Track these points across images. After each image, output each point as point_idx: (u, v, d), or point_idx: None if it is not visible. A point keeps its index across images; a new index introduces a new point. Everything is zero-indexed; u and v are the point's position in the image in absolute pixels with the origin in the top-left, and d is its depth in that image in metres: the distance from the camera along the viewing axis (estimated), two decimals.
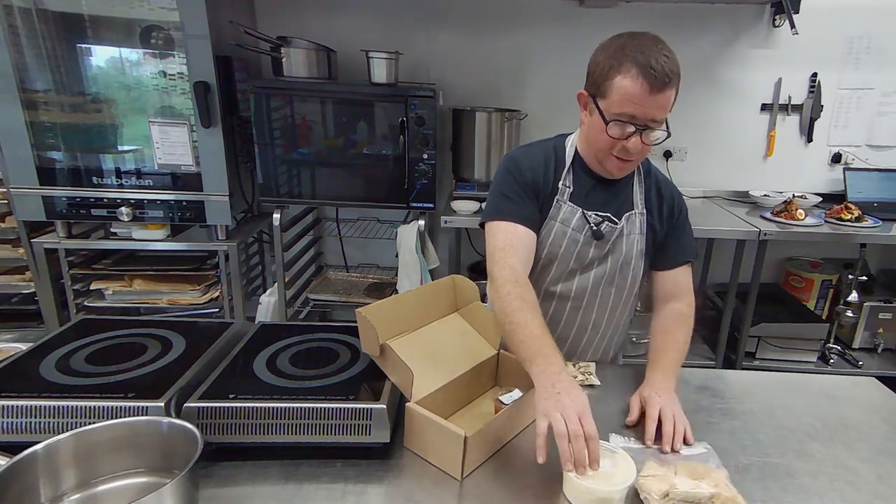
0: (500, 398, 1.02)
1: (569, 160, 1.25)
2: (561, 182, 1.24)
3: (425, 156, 2.26)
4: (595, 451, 0.85)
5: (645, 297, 1.41)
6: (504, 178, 1.23)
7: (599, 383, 1.21)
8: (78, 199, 2.19)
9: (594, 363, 1.28)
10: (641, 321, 2.53)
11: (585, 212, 1.23)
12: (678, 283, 1.30)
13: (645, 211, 1.27)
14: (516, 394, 1.02)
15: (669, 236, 1.29)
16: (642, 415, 1.07)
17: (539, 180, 1.22)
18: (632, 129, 1.08)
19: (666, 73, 1.03)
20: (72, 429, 0.83)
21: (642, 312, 2.02)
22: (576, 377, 1.19)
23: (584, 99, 1.17)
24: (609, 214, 1.24)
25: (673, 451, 0.99)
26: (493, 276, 1.13)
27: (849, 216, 2.42)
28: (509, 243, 1.16)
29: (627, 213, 1.25)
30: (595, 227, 1.22)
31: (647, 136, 1.10)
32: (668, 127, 1.11)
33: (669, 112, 1.09)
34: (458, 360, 1.10)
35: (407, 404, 0.96)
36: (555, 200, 1.23)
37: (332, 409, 0.92)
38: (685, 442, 1.01)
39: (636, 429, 1.06)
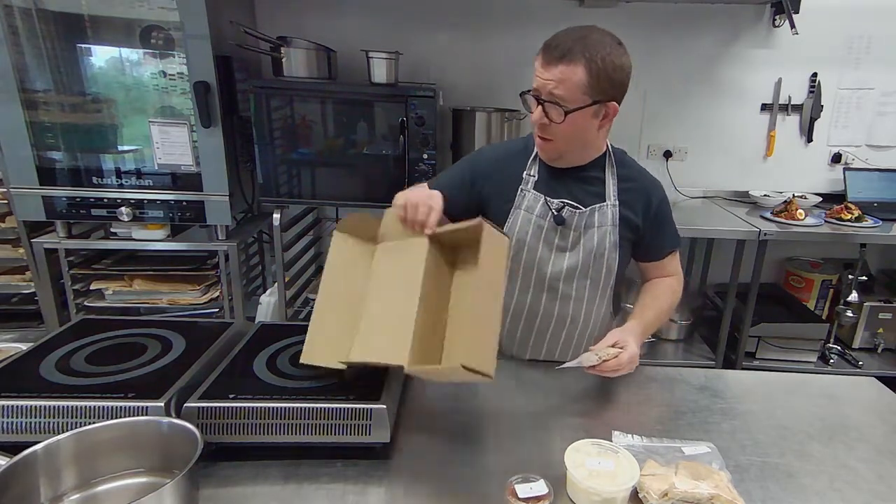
0: (515, 486, 0.84)
1: (534, 150, 1.30)
2: (525, 172, 1.29)
3: (425, 156, 2.25)
4: (427, 216, 1.01)
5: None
6: (462, 161, 1.37)
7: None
8: (78, 199, 2.19)
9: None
10: None
11: (548, 198, 1.26)
12: (665, 268, 1.38)
13: (618, 203, 1.28)
14: (540, 486, 0.84)
15: (651, 230, 1.32)
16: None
17: (499, 172, 1.30)
18: (532, 100, 1.17)
19: (559, 47, 1.10)
20: (72, 429, 0.83)
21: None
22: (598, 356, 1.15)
23: None
24: (572, 202, 1.27)
25: (598, 369, 1.11)
26: None
27: (849, 216, 2.42)
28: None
29: (599, 205, 1.27)
30: (556, 213, 1.26)
31: (548, 109, 1.14)
32: (580, 109, 1.12)
33: (589, 98, 1.12)
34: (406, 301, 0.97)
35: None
36: (519, 190, 1.29)
37: (332, 409, 0.92)
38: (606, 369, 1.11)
39: (636, 426, 1.05)
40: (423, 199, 1.05)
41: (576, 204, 1.26)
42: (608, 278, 1.32)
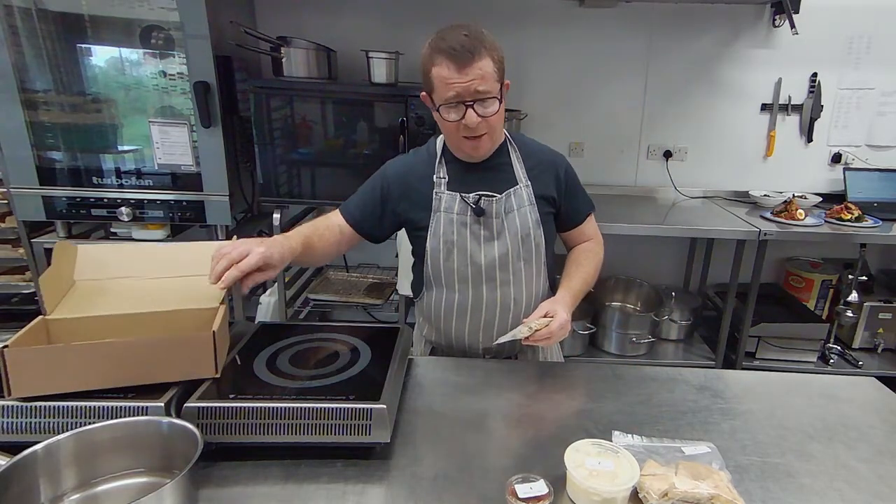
0: (515, 486, 0.83)
1: (438, 154, 1.35)
2: (435, 175, 1.33)
3: None
4: (224, 273, 1.02)
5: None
6: (370, 180, 1.41)
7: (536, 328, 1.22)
8: (78, 200, 2.19)
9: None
10: (639, 321, 2.56)
11: (463, 195, 1.30)
12: (585, 233, 1.46)
13: (529, 183, 1.34)
14: (540, 486, 0.83)
15: (566, 200, 1.39)
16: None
17: (407, 185, 1.34)
18: (462, 108, 1.18)
19: (466, 48, 1.14)
20: (72, 429, 0.83)
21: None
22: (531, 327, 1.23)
23: (426, 101, 1.27)
24: (486, 192, 1.30)
25: (531, 339, 1.19)
26: None
27: (849, 216, 2.42)
28: (318, 220, 1.37)
29: (513, 188, 1.32)
30: (474, 206, 1.29)
31: (481, 107, 1.18)
32: (501, 95, 1.20)
33: (499, 84, 1.19)
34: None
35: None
36: (434, 193, 1.32)
37: (332, 409, 0.92)
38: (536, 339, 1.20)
39: (636, 426, 1.05)
40: (236, 252, 1.04)
41: (491, 193, 1.30)
42: (539, 255, 1.36)
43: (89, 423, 0.84)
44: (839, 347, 2.68)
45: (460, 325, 1.37)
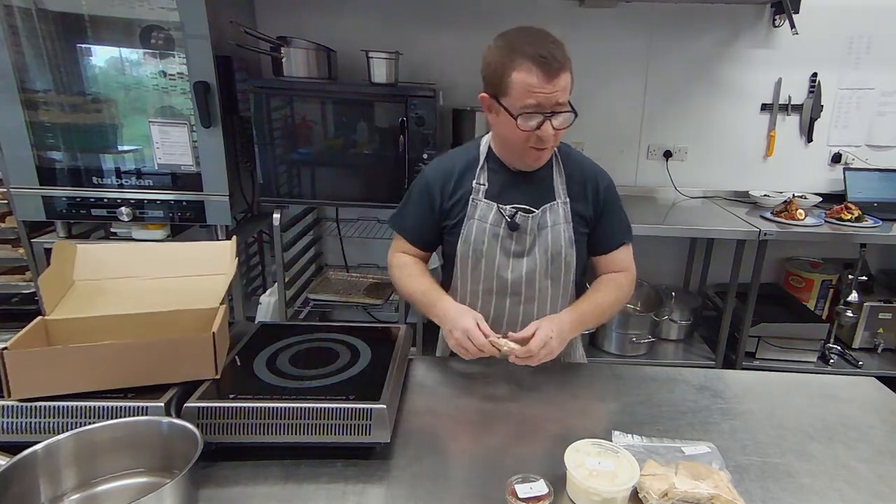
0: (515, 486, 0.84)
1: (482, 159, 1.30)
2: (475, 181, 1.29)
3: (425, 156, 2.25)
4: (486, 348, 1.13)
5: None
6: (413, 189, 1.36)
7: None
8: (78, 200, 2.19)
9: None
10: (639, 321, 2.55)
11: (500, 206, 1.27)
12: (617, 262, 1.36)
13: (568, 199, 1.29)
14: (540, 486, 0.84)
15: (601, 221, 1.32)
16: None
17: (447, 188, 1.30)
18: (540, 117, 1.14)
19: (556, 58, 1.10)
20: (72, 429, 0.83)
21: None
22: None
23: (486, 101, 1.21)
24: (524, 205, 1.27)
25: (512, 359, 1.15)
26: (389, 264, 1.40)
27: (849, 216, 2.42)
28: (400, 249, 1.39)
29: (550, 204, 1.28)
30: (509, 219, 1.26)
31: (556, 120, 1.15)
32: (573, 107, 1.16)
33: (570, 95, 1.16)
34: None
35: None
36: (471, 199, 1.29)
37: (332, 409, 0.92)
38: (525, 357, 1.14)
39: (636, 426, 1.05)
40: (471, 340, 1.15)
41: (528, 207, 1.27)
42: (568, 274, 1.32)
43: (89, 423, 0.84)
44: (839, 347, 2.68)
45: None
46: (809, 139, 2.79)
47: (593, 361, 2.55)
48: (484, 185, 1.29)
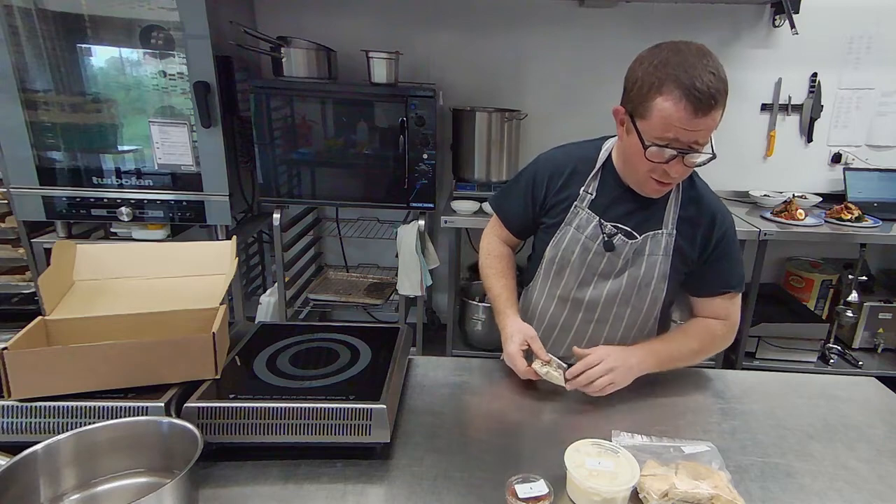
0: (515, 486, 0.83)
1: (598, 165, 1.22)
2: (584, 188, 1.22)
3: (425, 156, 2.25)
4: (526, 376, 1.13)
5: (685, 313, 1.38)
6: (522, 175, 1.31)
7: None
8: (78, 199, 2.19)
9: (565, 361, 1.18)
10: None
11: (602, 221, 1.19)
12: (714, 308, 1.24)
13: (675, 232, 1.19)
14: (540, 486, 0.84)
15: (707, 265, 1.21)
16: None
17: (553, 185, 1.25)
18: (673, 152, 1.03)
19: (712, 95, 0.96)
20: (72, 429, 0.83)
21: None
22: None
23: (620, 115, 1.12)
24: (627, 228, 1.19)
25: (570, 385, 1.10)
26: (481, 247, 1.40)
27: (849, 216, 2.42)
28: (495, 231, 1.39)
29: (653, 232, 1.19)
30: (607, 238, 1.18)
31: (690, 159, 1.04)
32: (712, 148, 1.04)
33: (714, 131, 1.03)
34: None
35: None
36: (573, 206, 1.22)
37: (332, 409, 0.92)
38: (587, 389, 1.09)
39: (636, 426, 1.05)
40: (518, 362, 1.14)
41: (629, 230, 1.18)
42: (652, 308, 1.24)
43: (89, 423, 0.84)
44: (839, 347, 2.68)
45: (544, 337, 1.28)
46: (809, 139, 2.79)
47: None
48: (591, 194, 1.21)
